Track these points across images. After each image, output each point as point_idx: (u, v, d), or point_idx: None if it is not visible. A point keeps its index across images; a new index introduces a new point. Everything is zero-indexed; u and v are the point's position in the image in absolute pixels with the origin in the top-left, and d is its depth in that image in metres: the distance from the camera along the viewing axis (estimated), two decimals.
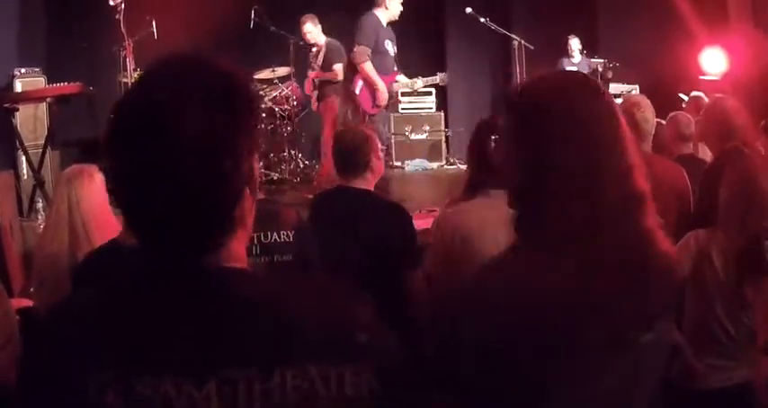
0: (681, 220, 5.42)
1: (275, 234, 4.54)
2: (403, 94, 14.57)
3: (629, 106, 5.70)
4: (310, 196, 8.69)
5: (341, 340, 1.71)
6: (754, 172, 4.61)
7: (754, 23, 10.32)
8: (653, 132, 5.66)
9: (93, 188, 4.70)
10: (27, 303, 5.40)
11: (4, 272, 6.67)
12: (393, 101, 10.68)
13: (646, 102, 5.70)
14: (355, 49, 10.44)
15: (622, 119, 2.30)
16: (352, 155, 5.43)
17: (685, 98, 9.62)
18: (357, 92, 10.51)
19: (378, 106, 10.45)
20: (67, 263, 4.59)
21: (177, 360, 1.63)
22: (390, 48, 10.48)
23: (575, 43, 13.98)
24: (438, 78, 11.26)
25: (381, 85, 10.32)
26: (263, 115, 12.87)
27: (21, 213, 9.18)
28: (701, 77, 10.98)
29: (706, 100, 8.90)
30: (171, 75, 1.74)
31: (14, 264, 7.43)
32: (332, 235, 5.19)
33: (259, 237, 4.50)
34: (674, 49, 11.48)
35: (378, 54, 10.37)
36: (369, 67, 10.30)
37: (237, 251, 1.81)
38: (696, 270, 4.52)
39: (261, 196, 1.89)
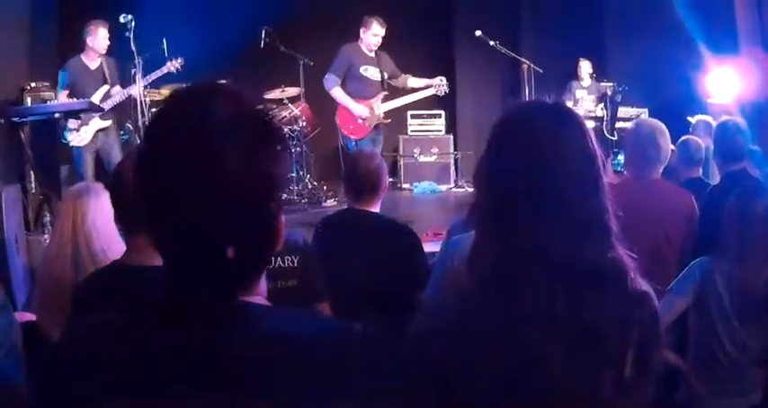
0: (687, 244, 5.40)
1: (279, 259, 4.52)
2: (413, 117, 14.60)
3: (644, 132, 5.65)
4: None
5: (358, 386, 1.66)
6: (753, 198, 4.60)
7: (763, 47, 10.30)
8: (666, 161, 5.60)
9: (98, 206, 4.67)
10: (30, 317, 5.38)
11: (8, 286, 6.65)
12: (379, 122, 10.80)
13: (660, 129, 5.63)
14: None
15: (592, 147, 2.29)
16: (366, 180, 5.40)
17: (693, 121, 9.61)
18: (337, 120, 10.86)
19: (362, 128, 10.61)
20: (70, 282, 4.56)
21: (191, 397, 1.60)
22: (371, 74, 10.74)
23: (585, 66, 13.91)
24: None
25: (352, 105, 10.63)
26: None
27: (27, 227, 9.18)
28: (710, 101, 10.96)
29: (713, 124, 8.91)
30: (203, 109, 1.67)
31: (19, 278, 7.42)
32: (341, 257, 5.17)
33: None
34: (684, 73, 11.47)
35: (354, 79, 10.75)
36: (335, 92, 10.71)
37: (259, 282, 1.81)
38: (700, 296, 4.52)
39: None
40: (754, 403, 4.51)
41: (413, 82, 11.09)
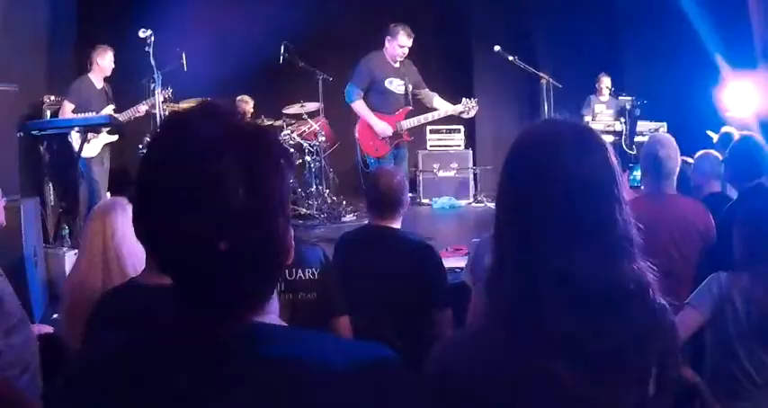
0: (702, 260, 5.37)
1: (300, 271, 4.53)
2: (431, 132, 14.58)
3: (652, 144, 5.66)
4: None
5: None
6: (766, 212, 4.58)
7: None
8: (677, 171, 5.60)
9: (126, 220, 4.67)
10: (48, 329, 5.40)
11: (27, 299, 6.67)
12: (401, 139, 10.36)
13: (668, 140, 5.65)
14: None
15: (613, 163, 2.26)
16: (388, 196, 5.41)
17: (713, 135, 9.56)
18: (357, 135, 10.37)
19: (382, 146, 10.28)
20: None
21: None
22: (395, 87, 10.28)
23: (606, 81, 13.92)
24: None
25: (375, 122, 10.14)
26: (292, 150, 12.91)
27: (45, 240, 9.18)
28: (728, 114, 10.91)
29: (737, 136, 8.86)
30: (190, 132, 1.66)
31: (37, 291, 7.44)
32: (362, 273, 5.17)
33: (284, 274, 4.48)
34: (702, 87, 11.43)
35: (377, 93, 10.25)
36: (357, 106, 10.21)
37: (270, 300, 1.78)
38: (717, 311, 4.47)
39: None
40: None
41: (439, 103, 10.60)
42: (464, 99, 10.60)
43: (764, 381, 4.42)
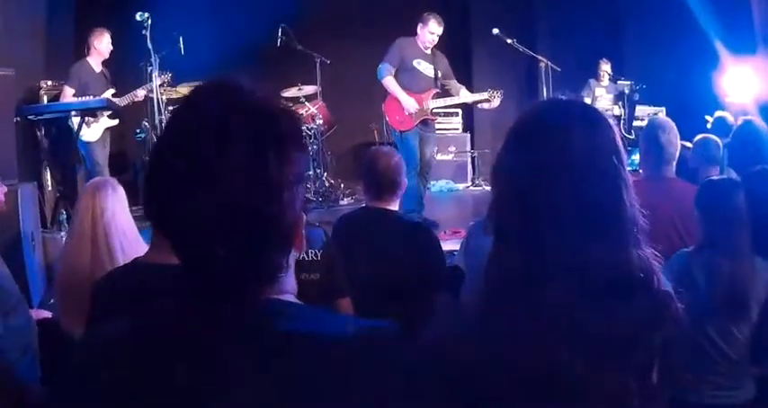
0: None
1: (302, 252, 4.51)
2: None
3: (654, 129, 5.65)
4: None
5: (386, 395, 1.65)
6: (730, 193, 4.61)
7: None
8: (677, 155, 5.59)
9: (116, 199, 4.68)
10: (46, 314, 5.40)
11: (25, 284, 6.65)
12: (427, 117, 10.60)
13: (670, 125, 5.64)
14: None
15: (618, 143, 2.24)
16: (386, 178, 5.40)
17: (710, 120, 9.55)
18: (383, 108, 10.69)
19: (407, 120, 10.46)
20: (89, 277, 4.55)
21: (216, 403, 1.58)
22: (423, 68, 10.59)
23: (605, 67, 13.87)
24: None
25: (402, 96, 10.43)
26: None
27: (43, 225, 9.17)
28: (727, 99, 10.91)
29: (731, 120, 8.85)
30: (210, 110, 1.64)
31: (35, 276, 7.42)
32: (360, 255, 5.15)
33: None
34: (701, 72, 11.43)
35: (406, 72, 10.56)
36: (387, 82, 10.52)
37: (288, 278, 1.78)
38: (679, 288, 4.46)
39: None
40: (747, 397, 4.48)
41: (465, 95, 10.90)
42: (489, 89, 10.84)
43: (737, 354, 4.43)
